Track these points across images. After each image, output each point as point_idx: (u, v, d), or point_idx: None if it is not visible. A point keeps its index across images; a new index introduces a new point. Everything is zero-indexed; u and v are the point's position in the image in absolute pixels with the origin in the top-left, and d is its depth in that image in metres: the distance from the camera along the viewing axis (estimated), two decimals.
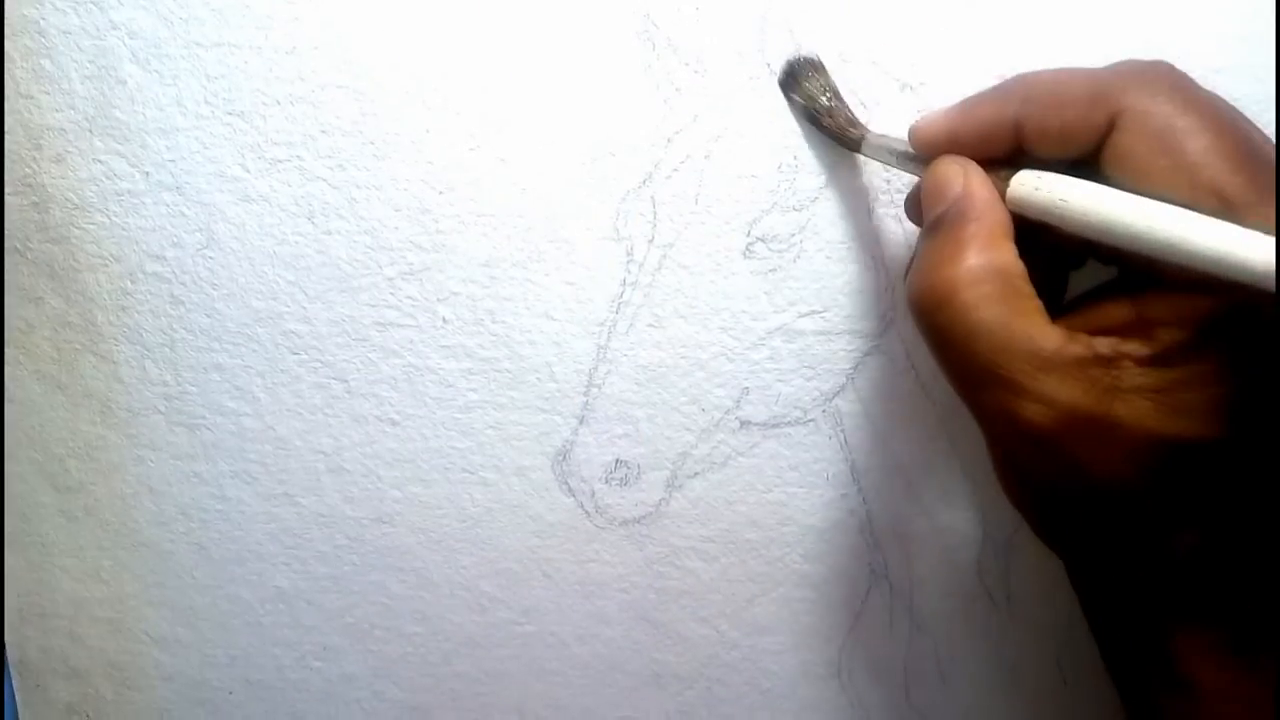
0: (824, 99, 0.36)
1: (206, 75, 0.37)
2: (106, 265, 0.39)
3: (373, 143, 0.38)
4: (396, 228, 0.38)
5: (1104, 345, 0.28)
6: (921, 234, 0.32)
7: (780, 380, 0.39)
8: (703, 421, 0.40)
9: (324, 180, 0.38)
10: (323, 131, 0.38)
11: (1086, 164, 0.29)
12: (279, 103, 0.37)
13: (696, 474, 0.40)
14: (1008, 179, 0.30)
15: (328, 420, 0.40)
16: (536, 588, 0.42)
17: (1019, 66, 0.36)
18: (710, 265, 0.38)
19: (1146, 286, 0.29)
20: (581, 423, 0.40)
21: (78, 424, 0.41)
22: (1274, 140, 0.29)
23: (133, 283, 0.39)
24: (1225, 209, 0.26)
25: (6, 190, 0.38)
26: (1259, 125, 0.29)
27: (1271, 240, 0.25)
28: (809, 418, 0.40)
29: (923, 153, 0.33)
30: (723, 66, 0.37)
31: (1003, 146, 0.31)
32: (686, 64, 0.37)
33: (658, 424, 0.40)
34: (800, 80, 0.36)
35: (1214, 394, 0.27)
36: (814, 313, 0.39)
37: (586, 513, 0.41)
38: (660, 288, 0.39)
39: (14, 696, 0.44)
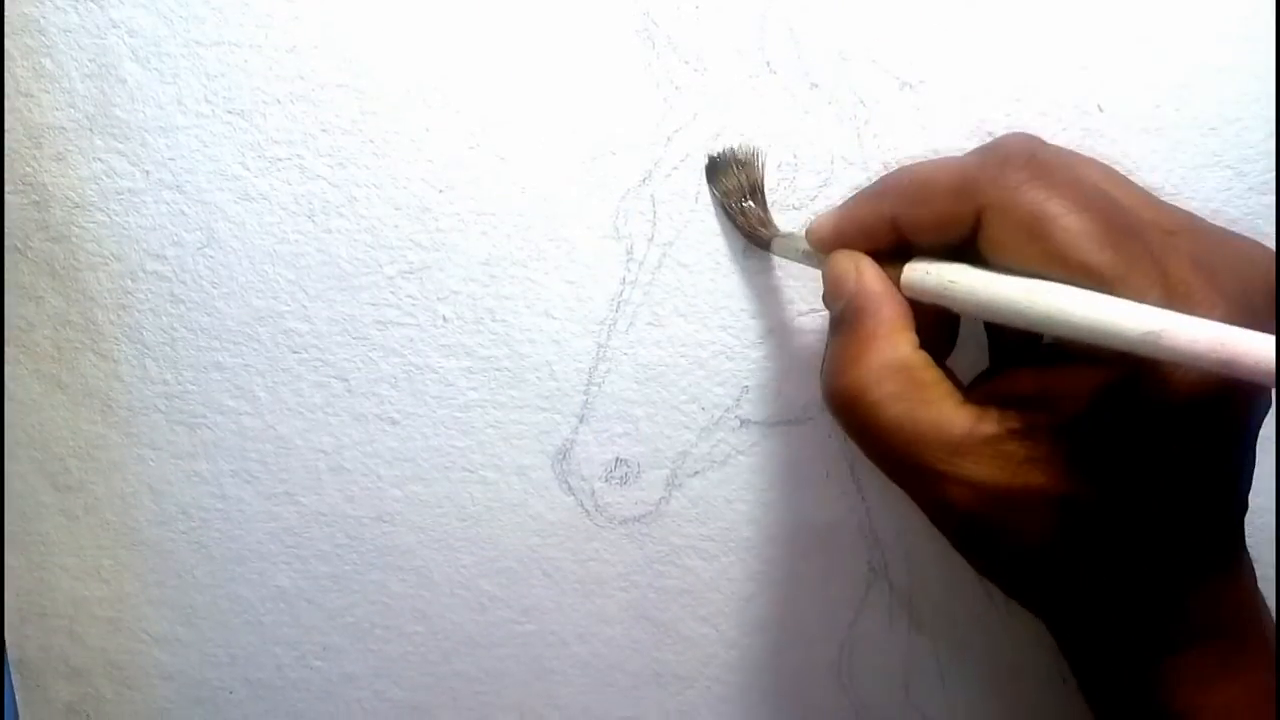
0: (738, 197, 0.37)
1: (206, 74, 0.37)
2: (107, 264, 0.39)
3: (373, 141, 0.38)
4: (396, 226, 0.38)
5: (1014, 420, 0.29)
6: (829, 332, 0.33)
7: (780, 379, 0.39)
8: (703, 420, 0.40)
9: (324, 179, 0.38)
10: (323, 130, 0.38)
11: (969, 249, 0.31)
12: (279, 101, 0.37)
13: (696, 472, 0.40)
14: (901, 266, 0.32)
15: (328, 419, 0.40)
16: (536, 586, 0.42)
17: (1018, 65, 0.36)
18: (710, 264, 0.38)
19: (1054, 358, 0.30)
20: (581, 421, 0.40)
21: (78, 423, 0.41)
22: (1149, 195, 0.30)
23: (133, 281, 0.39)
24: (1099, 285, 0.27)
25: (7, 189, 0.38)
26: (1134, 182, 0.31)
27: (1141, 308, 0.26)
28: (808, 416, 0.40)
29: (819, 251, 0.34)
30: (723, 65, 0.37)
31: (888, 239, 0.32)
32: (686, 62, 0.37)
33: (658, 422, 0.40)
34: (720, 175, 0.37)
35: (1116, 456, 0.28)
36: (813, 311, 0.39)
37: (586, 511, 0.41)
38: (660, 286, 0.39)
39: (14, 696, 0.44)
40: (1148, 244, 0.28)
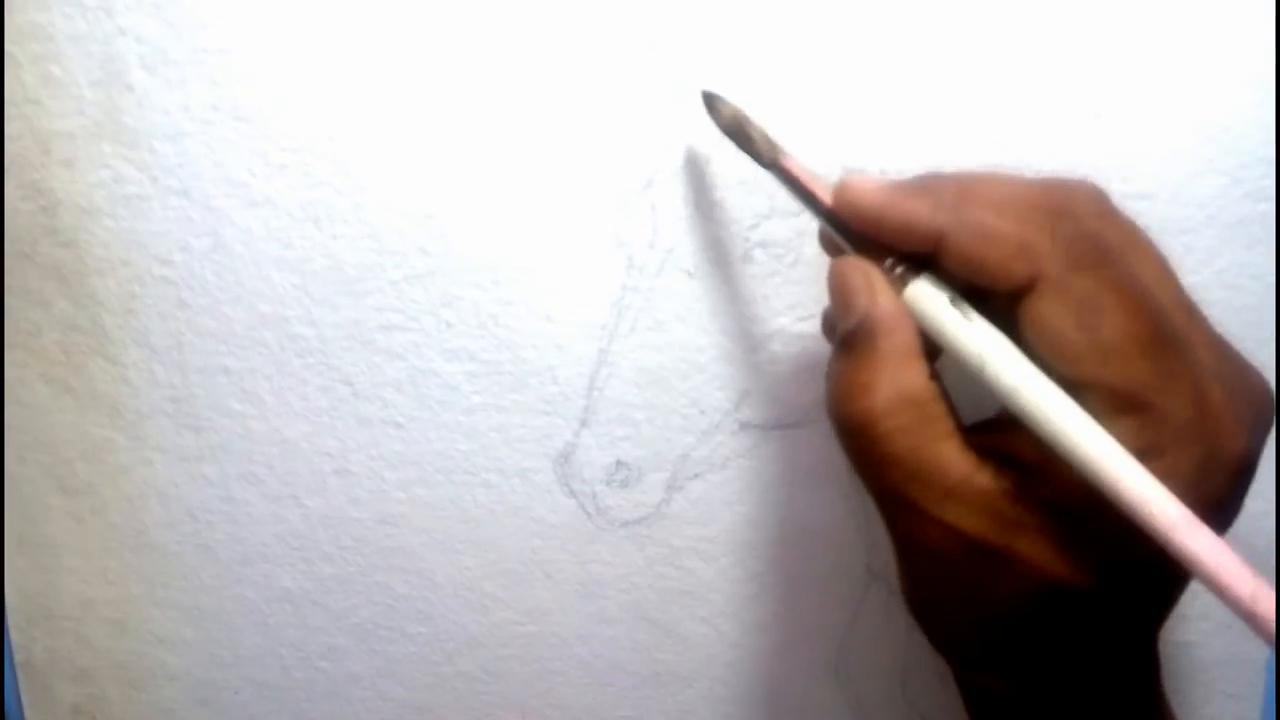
0: (743, 120, 0.34)
1: (213, 80, 0.38)
2: (115, 269, 0.39)
3: (378, 147, 0.38)
4: (401, 232, 0.39)
5: (1010, 481, 0.28)
6: (834, 349, 0.32)
7: (779, 383, 0.40)
8: (703, 424, 0.40)
9: (330, 184, 0.38)
10: (329, 136, 0.38)
11: (998, 298, 0.29)
12: (285, 107, 0.38)
13: (697, 475, 0.41)
14: (909, 277, 0.30)
15: (333, 423, 0.41)
16: (538, 588, 0.42)
17: (1015, 71, 0.36)
18: (710, 269, 0.39)
19: None
20: (583, 425, 0.40)
21: (86, 426, 0.41)
22: (1187, 298, 0.29)
23: (141, 286, 0.39)
24: (1135, 389, 0.27)
25: (16, 195, 0.39)
26: (1175, 275, 0.29)
27: (1170, 501, 0.26)
28: (808, 420, 0.40)
29: (843, 216, 0.31)
30: (722, 71, 0.37)
31: (922, 245, 0.30)
32: (688, 67, 0.37)
33: (658, 426, 0.40)
34: (717, 105, 0.35)
35: (1104, 547, 0.28)
36: (812, 316, 0.39)
37: (588, 514, 0.41)
38: (661, 292, 0.39)
39: (20, 698, 0.45)
40: (1186, 361, 0.27)
